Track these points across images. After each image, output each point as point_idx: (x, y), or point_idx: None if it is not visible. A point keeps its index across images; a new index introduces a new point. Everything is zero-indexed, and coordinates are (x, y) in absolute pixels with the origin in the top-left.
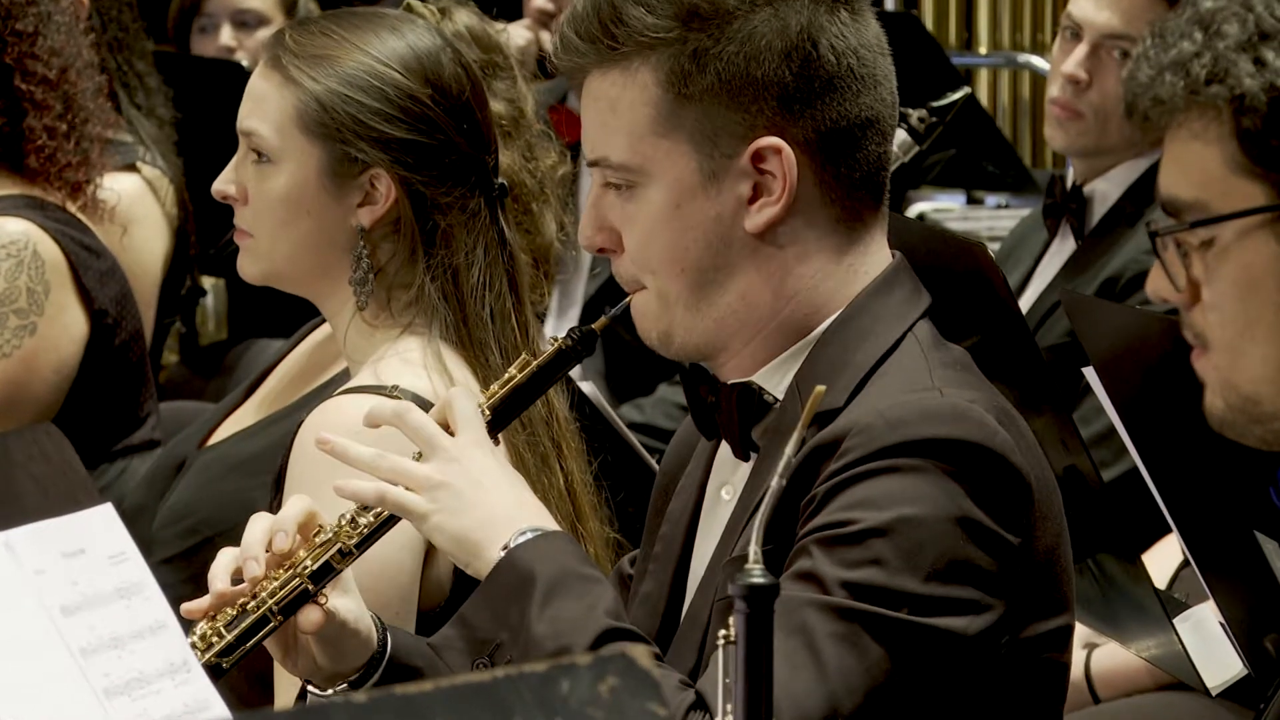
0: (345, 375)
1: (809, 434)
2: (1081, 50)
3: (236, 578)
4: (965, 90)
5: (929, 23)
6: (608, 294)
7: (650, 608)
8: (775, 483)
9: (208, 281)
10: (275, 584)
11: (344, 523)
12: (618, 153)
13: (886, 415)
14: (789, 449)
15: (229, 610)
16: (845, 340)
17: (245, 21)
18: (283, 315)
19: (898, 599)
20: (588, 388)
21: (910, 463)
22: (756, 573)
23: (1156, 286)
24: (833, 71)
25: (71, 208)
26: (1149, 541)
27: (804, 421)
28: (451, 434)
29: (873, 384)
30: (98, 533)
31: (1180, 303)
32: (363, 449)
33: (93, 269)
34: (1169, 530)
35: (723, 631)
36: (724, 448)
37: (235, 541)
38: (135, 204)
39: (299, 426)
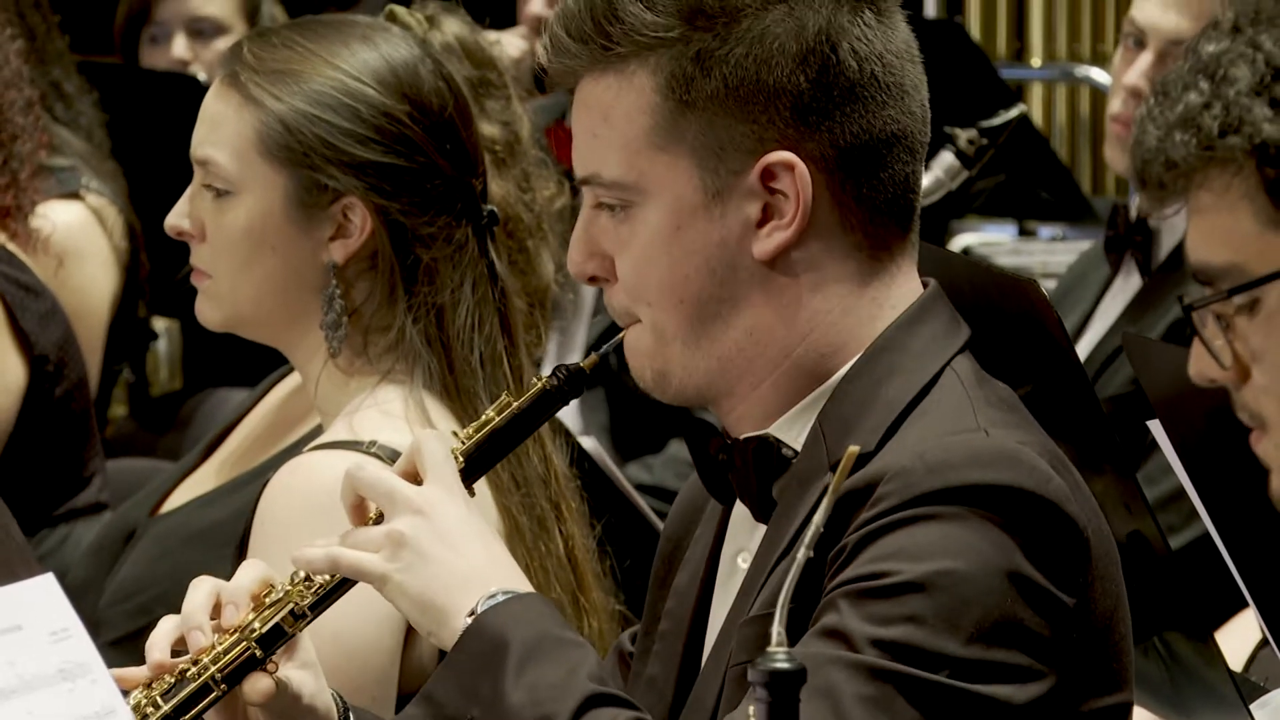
0: (317, 432)
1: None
2: (1146, 59)
3: (178, 648)
4: (1020, 108)
5: (975, 31)
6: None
7: (658, 693)
8: (802, 553)
9: (160, 323)
10: (219, 649)
11: (297, 581)
12: (610, 168)
13: (926, 458)
14: (818, 517)
15: (167, 678)
16: (875, 376)
17: (201, 30)
18: (245, 362)
19: (936, 661)
20: (589, 443)
21: (953, 511)
22: (780, 657)
23: (1200, 367)
24: (854, 79)
25: (1, 238)
26: (1223, 618)
27: (835, 487)
28: (419, 482)
29: (909, 426)
30: (37, 606)
31: (1229, 382)
32: (318, 543)
33: (31, 310)
34: (1245, 605)
35: None
36: (738, 510)
37: None
38: (79, 236)
39: (264, 487)
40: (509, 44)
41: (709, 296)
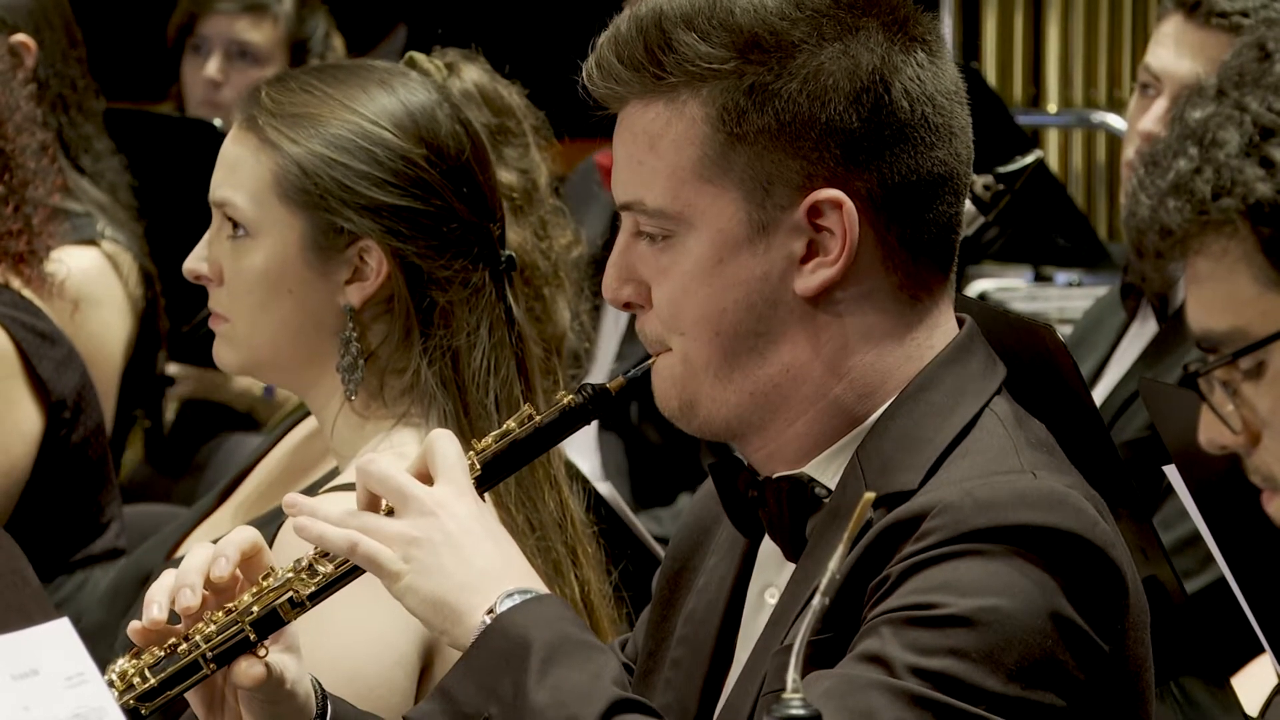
0: (333, 475)
1: (877, 516)
2: (1161, 105)
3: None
4: (1036, 154)
5: (992, 77)
6: (633, 387)
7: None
8: (819, 600)
9: (175, 369)
10: (213, 627)
11: (300, 568)
12: (655, 196)
13: (975, 495)
14: (833, 564)
15: (156, 650)
16: (915, 415)
17: (242, 53)
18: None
19: (975, 695)
20: (605, 489)
21: (999, 549)
22: (795, 704)
23: (1211, 434)
24: (905, 119)
25: (16, 284)
26: (1239, 663)
27: (850, 534)
28: (431, 484)
29: (951, 464)
30: (53, 651)
31: (1239, 447)
32: (332, 506)
33: (48, 357)
34: (1261, 650)
35: None
36: (766, 545)
37: None
38: (94, 282)
39: (279, 529)
40: None
41: (746, 330)
